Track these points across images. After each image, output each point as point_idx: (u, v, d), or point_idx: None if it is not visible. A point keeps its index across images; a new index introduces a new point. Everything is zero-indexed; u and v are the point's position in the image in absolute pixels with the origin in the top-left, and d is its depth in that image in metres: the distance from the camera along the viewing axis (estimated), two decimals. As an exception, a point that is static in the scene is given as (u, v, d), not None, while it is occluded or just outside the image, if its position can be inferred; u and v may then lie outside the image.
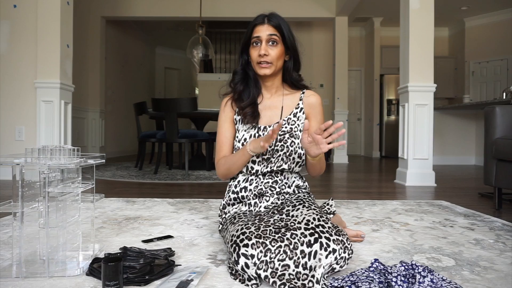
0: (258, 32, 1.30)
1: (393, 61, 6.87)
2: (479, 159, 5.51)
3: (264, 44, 1.29)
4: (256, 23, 1.32)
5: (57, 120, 3.31)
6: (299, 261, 0.99)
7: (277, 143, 1.32)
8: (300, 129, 1.36)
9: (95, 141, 6.06)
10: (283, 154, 1.31)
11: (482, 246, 1.44)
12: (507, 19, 6.36)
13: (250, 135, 1.34)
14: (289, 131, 1.34)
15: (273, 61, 1.30)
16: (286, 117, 1.36)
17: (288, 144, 1.31)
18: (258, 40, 1.30)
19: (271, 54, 1.29)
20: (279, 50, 1.30)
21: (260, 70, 1.31)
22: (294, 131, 1.34)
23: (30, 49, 3.34)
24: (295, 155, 1.32)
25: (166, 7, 5.92)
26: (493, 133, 2.32)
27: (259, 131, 1.34)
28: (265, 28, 1.30)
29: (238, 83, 1.38)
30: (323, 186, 3.31)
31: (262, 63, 1.29)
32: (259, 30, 1.30)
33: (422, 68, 3.39)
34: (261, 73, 1.31)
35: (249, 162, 1.33)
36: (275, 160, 1.32)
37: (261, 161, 1.32)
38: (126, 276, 1.01)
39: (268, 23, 1.30)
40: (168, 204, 2.25)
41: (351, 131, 7.60)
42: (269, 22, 1.30)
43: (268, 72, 1.30)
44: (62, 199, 1.15)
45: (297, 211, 1.19)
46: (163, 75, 9.45)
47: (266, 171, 1.33)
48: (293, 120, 1.36)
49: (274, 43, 1.29)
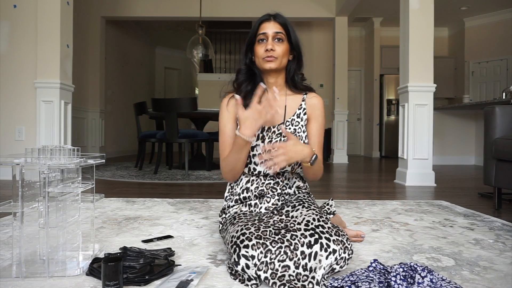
0: (265, 28, 1.30)
1: (393, 61, 6.87)
2: (479, 159, 5.51)
3: (270, 40, 1.29)
4: (262, 19, 1.32)
5: (57, 120, 3.31)
6: (299, 262, 0.99)
7: None
8: (303, 130, 1.35)
9: (95, 141, 6.06)
10: None
11: (482, 246, 1.44)
12: (507, 19, 6.36)
13: None
14: (292, 132, 1.33)
15: (279, 56, 1.29)
16: (290, 118, 1.35)
17: None
18: (264, 37, 1.30)
19: (277, 50, 1.29)
20: (284, 47, 1.31)
21: (266, 64, 1.29)
22: (298, 132, 1.34)
23: (30, 49, 3.34)
24: None
25: (166, 7, 5.92)
26: (493, 133, 2.33)
27: (262, 131, 1.32)
28: (272, 25, 1.30)
29: (243, 82, 1.36)
30: (323, 186, 3.32)
31: (268, 57, 1.28)
32: (266, 27, 1.30)
33: (422, 68, 3.39)
34: (267, 67, 1.30)
35: (251, 164, 1.31)
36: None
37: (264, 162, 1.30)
38: (126, 276, 1.01)
39: (275, 20, 1.31)
40: (168, 204, 2.25)
41: (351, 131, 7.60)
42: (276, 19, 1.31)
43: (273, 65, 1.29)
44: (62, 199, 1.15)
45: (296, 212, 1.19)
46: (163, 75, 9.45)
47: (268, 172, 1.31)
48: (297, 121, 1.35)
49: (280, 40, 1.30)
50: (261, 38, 1.30)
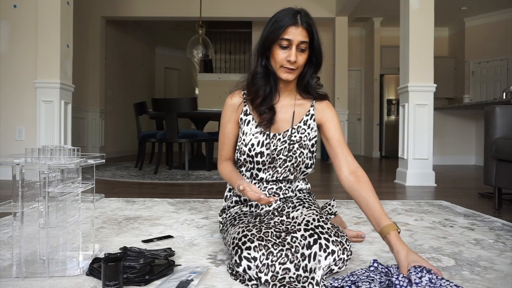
0: (291, 34, 1.17)
1: (393, 61, 6.87)
2: (479, 159, 5.50)
3: (294, 49, 1.18)
4: (288, 23, 1.18)
5: (57, 120, 3.31)
6: (300, 264, 0.99)
7: (285, 152, 1.26)
8: (310, 138, 1.29)
9: (95, 141, 6.06)
10: (290, 165, 1.26)
11: (482, 246, 1.44)
12: (507, 19, 6.36)
13: (258, 141, 1.27)
14: (298, 140, 1.28)
15: (299, 67, 1.22)
16: (296, 125, 1.30)
17: (297, 155, 1.26)
18: (288, 44, 1.18)
19: (299, 61, 1.20)
20: (305, 57, 1.22)
21: (284, 75, 1.22)
22: (304, 140, 1.28)
23: (30, 49, 3.34)
24: (303, 165, 1.28)
25: (166, 7, 5.92)
26: (493, 133, 2.32)
27: (268, 138, 1.28)
28: (299, 32, 1.18)
29: (262, 87, 1.26)
30: (323, 186, 3.31)
31: (288, 68, 1.20)
32: (292, 33, 1.17)
33: (422, 68, 3.39)
34: (284, 77, 1.22)
35: (254, 169, 1.30)
36: (281, 171, 1.27)
37: (267, 169, 1.28)
38: (126, 276, 1.01)
39: (302, 25, 1.18)
40: (168, 204, 2.25)
41: (351, 131, 7.60)
42: (303, 24, 1.18)
43: (291, 78, 1.22)
44: (62, 199, 1.15)
45: (297, 212, 1.18)
46: (163, 75, 9.44)
47: (271, 179, 1.30)
48: (303, 129, 1.30)
49: (304, 50, 1.21)
50: (284, 45, 1.19)
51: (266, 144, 1.27)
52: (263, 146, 1.27)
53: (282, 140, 1.28)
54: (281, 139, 1.28)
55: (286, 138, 1.28)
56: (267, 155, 1.26)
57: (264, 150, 1.26)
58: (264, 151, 1.26)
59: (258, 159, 1.26)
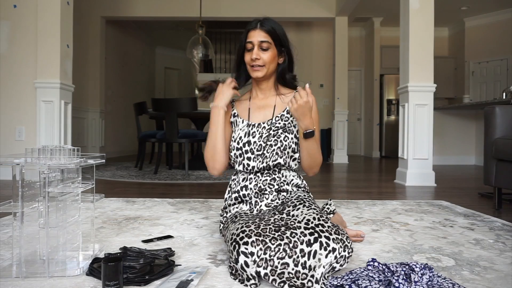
0: (251, 37, 1.35)
1: (393, 61, 6.87)
2: (479, 159, 5.51)
3: (256, 49, 1.34)
4: (249, 28, 1.37)
5: (57, 120, 3.31)
6: (299, 260, 1.00)
7: (271, 138, 1.35)
8: (294, 124, 1.39)
9: (95, 141, 6.06)
10: (277, 148, 1.34)
11: (482, 246, 1.44)
12: (507, 19, 6.36)
13: (244, 132, 1.38)
14: (282, 126, 1.38)
15: (266, 63, 1.35)
16: (279, 114, 1.40)
17: (282, 138, 1.35)
18: (251, 46, 1.35)
19: (263, 57, 1.34)
20: (271, 54, 1.35)
21: (253, 73, 1.37)
22: (288, 126, 1.38)
23: (30, 49, 3.34)
24: (289, 149, 1.35)
25: (166, 7, 5.92)
26: (493, 133, 2.32)
27: (253, 128, 1.38)
28: (257, 33, 1.34)
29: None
30: (323, 186, 3.32)
31: (254, 66, 1.35)
32: (252, 35, 1.35)
33: (422, 68, 3.39)
34: (254, 76, 1.38)
35: (244, 160, 1.36)
36: (269, 155, 1.34)
37: (256, 156, 1.35)
38: (126, 276, 1.01)
39: (261, 28, 1.34)
40: (168, 204, 2.25)
41: (351, 131, 7.60)
42: (262, 27, 1.34)
43: (260, 74, 1.36)
44: (62, 199, 1.15)
45: (297, 211, 1.19)
46: (163, 75, 9.44)
47: (262, 166, 1.35)
48: (286, 117, 1.40)
49: (267, 49, 1.34)
50: (249, 47, 1.35)
51: (252, 133, 1.38)
52: (249, 136, 1.38)
53: (267, 128, 1.39)
54: (266, 127, 1.39)
55: (271, 125, 1.39)
56: (254, 143, 1.36)
57: (251, 139, 1.37)
58: (251, 140, 1.36)
59: (246, 148, 1.36)
